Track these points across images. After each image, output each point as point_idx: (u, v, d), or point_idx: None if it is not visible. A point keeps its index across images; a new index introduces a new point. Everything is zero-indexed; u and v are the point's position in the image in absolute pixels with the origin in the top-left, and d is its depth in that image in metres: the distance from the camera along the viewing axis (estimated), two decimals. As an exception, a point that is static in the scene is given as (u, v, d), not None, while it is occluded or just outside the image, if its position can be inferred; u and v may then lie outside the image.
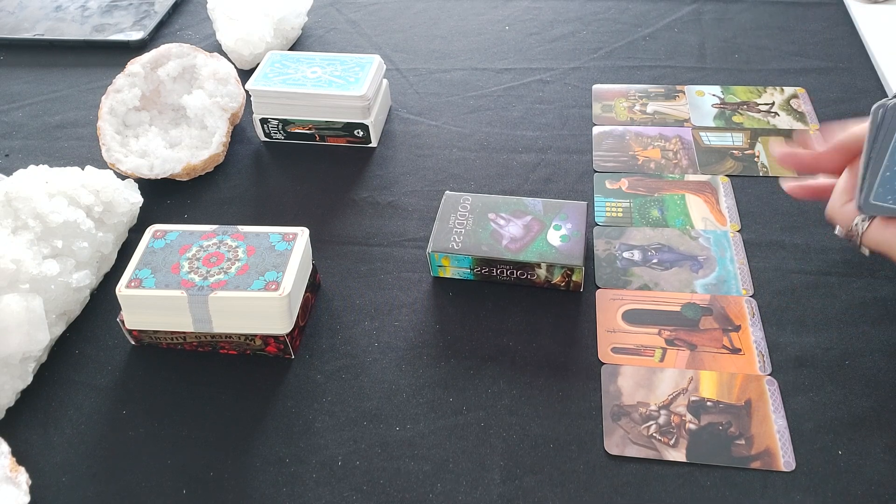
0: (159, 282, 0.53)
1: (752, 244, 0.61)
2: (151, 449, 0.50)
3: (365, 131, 0.72)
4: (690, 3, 0.91)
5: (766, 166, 0.68)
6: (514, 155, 0.71)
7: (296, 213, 0.67)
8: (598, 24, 0.89)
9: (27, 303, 0.52)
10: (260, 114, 0.73)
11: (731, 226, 0.63)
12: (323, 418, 0.51)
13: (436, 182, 0.69)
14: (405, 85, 0.82)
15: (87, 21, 0.93)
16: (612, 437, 0.49)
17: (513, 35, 0.88)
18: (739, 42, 0.84)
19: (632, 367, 0.53)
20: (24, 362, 0.53)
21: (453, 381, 0.53)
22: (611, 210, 0.65)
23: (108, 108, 0.70)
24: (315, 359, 0.55)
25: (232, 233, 0.56)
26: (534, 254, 0.56)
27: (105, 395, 0.54)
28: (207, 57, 0.73)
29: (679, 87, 0.78)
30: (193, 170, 0.69)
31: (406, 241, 0.64)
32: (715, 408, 0.50)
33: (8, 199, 0.56)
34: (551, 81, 0.81)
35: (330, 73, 0.72)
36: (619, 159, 0.70)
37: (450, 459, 0.49)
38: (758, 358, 0.53)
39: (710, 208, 0.64)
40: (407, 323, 0.57)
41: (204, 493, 0.48)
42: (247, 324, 0.53)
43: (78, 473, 0.49)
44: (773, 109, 0.74)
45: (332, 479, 0.48)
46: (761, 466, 0.47)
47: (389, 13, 0.94)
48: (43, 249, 0.56)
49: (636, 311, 0.56)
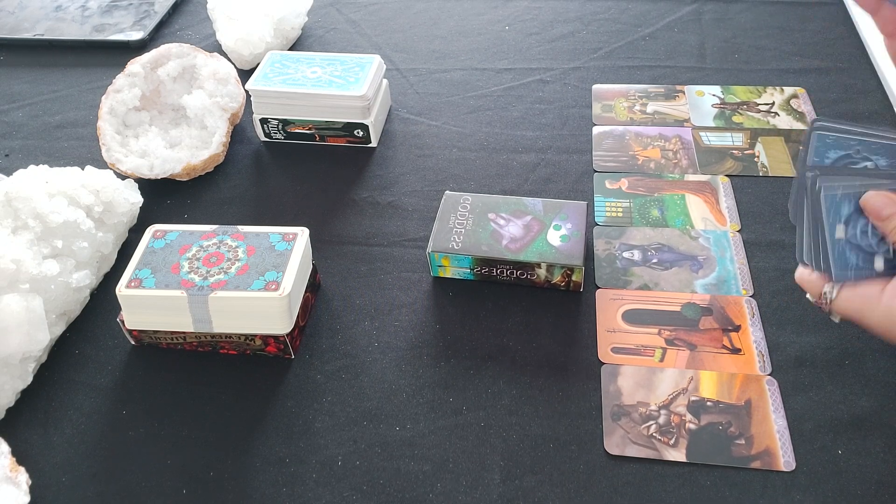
0: (159, 282, 0.53)
1: (752, 244, 0.61)
2: (151, 449, 0.50)
3: (365, 131, 0.72)
4: (690, 3, 0.91)
5: (766, 166, 0.68)
6: (514, 155, 0.71)
7: (296, 213, 0.67)
8: (598, 24, 0.89)
9: (27, 303, 0.52)
10: (260, 114, 0.73)
11: (731, 226, 0.63)
12: (323, 418, 0.51)
13: (436, 182, 0.69)
14: (405, 85, 0.82)
15: (87, 21, 0.93)
16: (612, 437, 0.49)
17: (513, 35, 0.88)
18: (739, 42, 0.84)
19: (632, 366, 0.53)
20: (24, 362, 0.53)
21: (453, 381, 0.53)
22: (611, 210, 0.65)
23: (108, 108, 0.70)
24: (315, 359, 0.55)
25: (232, 233, 0.56)
26: (534, 254, 0.56)
27: (105, 395, 0.54)
28: (207, 57, 0.73)
29: (679, 87, 0.78)
30: (193, 170, 0.69)
31: (406, 241, 0.64)
32: (715, 408, 0.50)
33: (8, 199, 0.56)
34: (551, 81, 0.81)
35: (330, 73, 0.72)
36: (619, 159, 0.70)
37: (450, 459, 0.49)
38: (758, 358, 0.53)
39: (710, 208, 0.64)
40: (407, 323, 0.57)
41: (204, 493, 0.48)
42: (247, 324, 0.53)
43: (78, 473, 0.49)
44: (773, 109, 0.74)
45: (332, 479, 0.48)
46: (761, 466, 0.47)
47: (389, 13, 0.94)
48: (43, 249, 0.56)
49: (636, 311, 0.56)
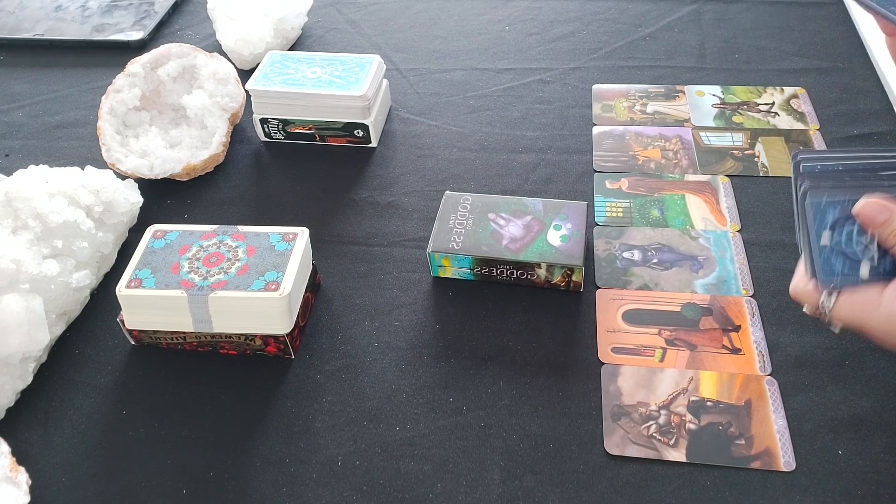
0: (159, 282, 0.53)
1: (752, 244, 0.61)
2: (151, 449, 0.50)
3: (365, 131, 0.72)
4: (690, 3, 0.91)
5: (766, 166, 0.68)
6: (514, 155, 0.71)
7: (296, 213, 0.67)
8: (598, 24, 0.89)
9: (27, 303, 0.52)
10: (260, 114, 0.73)
11: (731, 226, 0.63)
12: (323, 418, 0.51)
13: (436, 182, 0.69)
14: (405, 85, 0.82)
15: (87, 21, 0.93)
16: (612, 437, 0.49)
17: (513, 35, 0.88)
18: (739, 42, 0.84)
19: (632, 367, 0.53)
20: (24, 362, 0.53)
21: (453, 381, 0.53)
22: (611, 210, 0.65)
23: (108, 108, 0.70)
24: (315, 359, 0.55)
25: (232, 233, 0.56)
26: (534, 254, 0.56)
27: (105, 395, 0.54)
28: (207, 57, 0.73)
29: (679, 87, 0.78)
30: (193, 170, 0.69)
31: (406, 241, 0.64)
32: (715, 408, 0.50)
33: (8, 199, 0.56)
34: (551, 81, 0.81)
35: (330, 73, 0.72)
36: (619, 159, 0.70)
37: (450, 459, 0.49)
38: (758, 358, 0.53)
39: (710, 208, 0.64)
40: (407, 323, 0.57)
41: (204, 493, 0.48)
42: (247, 324, 0.53)
43: (78, 473, 0.49)
44: (773, 109, 0.74)
45: (332, 479, 0.48)
46: (761, 466, 0.47)
47: (389, 13, 0.94)
48: (43, 249, 0.56)
49: (636, 311, 0.56)
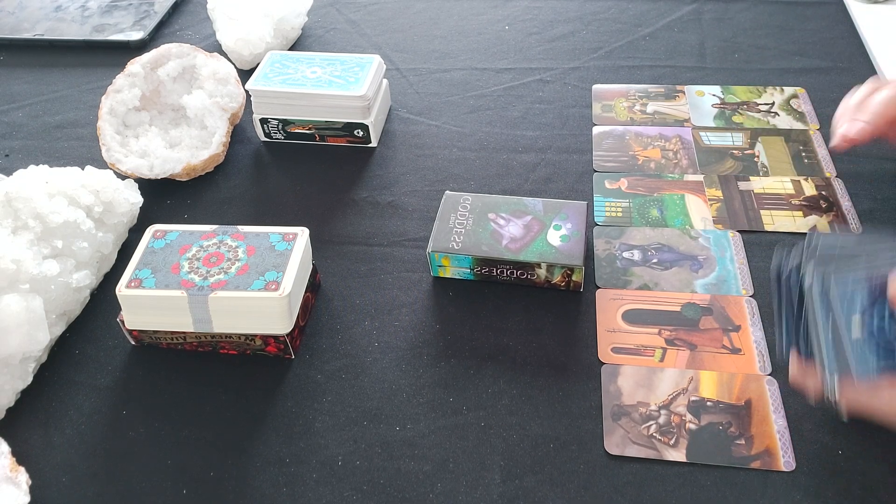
0: (159, 282, 0.53)
1: (752, 244, 0.61)
2: (151, 449, 0.50)
3: (365, 131, 0.72)
4: (690, 3, 0.91)
5: (766, 166, 0.68)
6: (514, 155, 0.71)
7: (296, 213, 0.67)
8: (598, 24, 0.89)
9: (27, 303, 0.52)
10: (260, 114, 0.73)
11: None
12: (323, 418, 0.51)
13: (436, 182, 0.69)
14: (405, 85, 0.82)
15: (87, 21, 0.93)
16: (612, 437, 0.49)
17: (513, 35, 0.88)
18: (739, 42, 0.84)
19: (632, 366, 0.53)
20: (24, 362, 0.53)
21: (453, 381, 0.53)
22: (611, 210, 0.65)
23: (108, 108, 0.70)
24: (315, 359, 0.55)
25: (232, 233, 0.56)
26: (534, 254, 0.56)
27: (105, 395, 0.54)
28: (207, 57, 0.73)
29: (679, 87, 0.78)
30: (193, 170, 0.69)
31: (406, 241, 0.64)
32: (715, 408, 0.50)
33: (8, 199, 0.56)
34: (551, 81, 0.81)
35: (330, 73, 0.72)
36: (619, 159, 0.70)
37: (450, 459, 0.49)
38: (758, 358, 0.53)
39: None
40: (407, 323, 0.57)
41: (204, 493, 0.48)
42: (247, 324, 0.53)
43: (78, 473, 0.49)
44: (773, 109, 0.74)
45: (332, 478, 0.48)
46: (761, 466, 0.47)
47: (389, 13, 0.94)
48: (43, 249, 0.56)
49: (636, 311, 0.56)
